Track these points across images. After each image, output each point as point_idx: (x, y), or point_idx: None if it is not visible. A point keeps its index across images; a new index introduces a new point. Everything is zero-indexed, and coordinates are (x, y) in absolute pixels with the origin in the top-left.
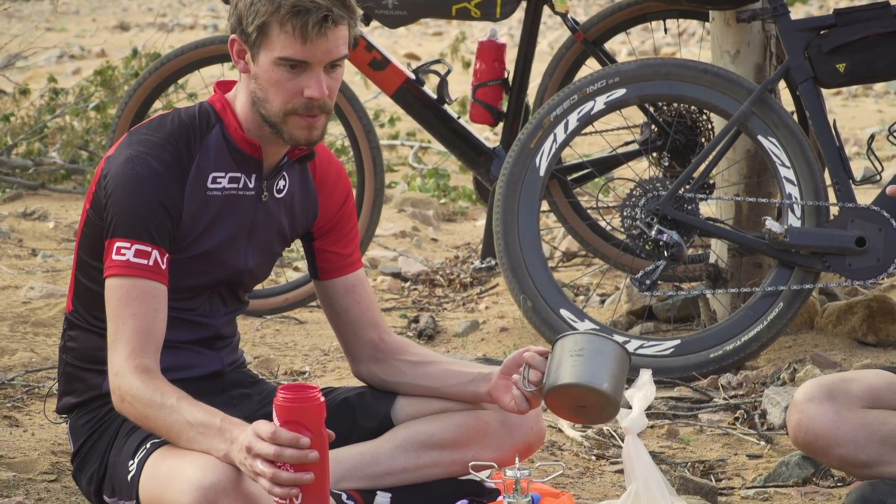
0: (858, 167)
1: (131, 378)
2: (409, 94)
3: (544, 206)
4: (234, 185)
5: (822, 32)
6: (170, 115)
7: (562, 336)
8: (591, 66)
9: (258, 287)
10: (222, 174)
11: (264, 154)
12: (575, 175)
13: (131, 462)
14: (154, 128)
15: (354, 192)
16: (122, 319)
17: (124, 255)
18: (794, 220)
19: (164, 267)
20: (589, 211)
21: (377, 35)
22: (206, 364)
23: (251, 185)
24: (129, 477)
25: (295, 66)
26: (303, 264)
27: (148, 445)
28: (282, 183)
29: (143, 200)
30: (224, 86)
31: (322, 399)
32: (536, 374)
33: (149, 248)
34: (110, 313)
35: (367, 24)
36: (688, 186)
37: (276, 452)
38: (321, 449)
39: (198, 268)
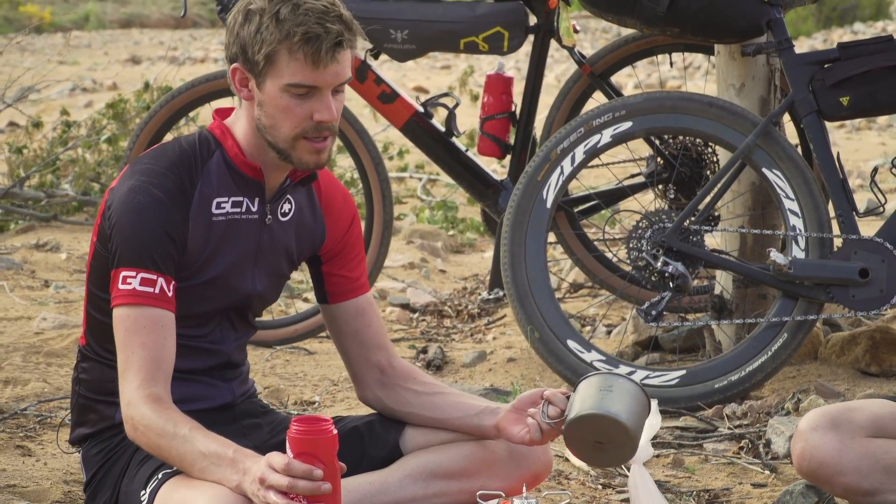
0: (862, 199)
1: (143, 408)
2: (417, 127)
3: (551, 237)
4: (238, 210)
5: (825, 66)
6: (170, 144)
7: (590, 374)
8: (597, 99)
9: (268, 318)
10: (225, 199)
11: (266, 177)
12: (581, 207)
13: (143, 492)
14: (155, 157)
15: (363, 223)
16: (132, 349)
17: (130, 283)
18: (798, 252)
19: (170, 294)
20: (595, 243)
21: (386, 68)
22: (217, 396)
23: (254, 209)
24: None
25: (304, 92)
26: (311, 295)
27: (160, 476)
28: (287, 206)
29: (147, 229)
30: (223, 113)
31: (335, 432)
32: (556, 409)
33: (154, 276)
34: (119, 343)
35: (376, 57)
36: (693, 218)
37: (289, 484)
38: (334, 481)
39: (206, 294)
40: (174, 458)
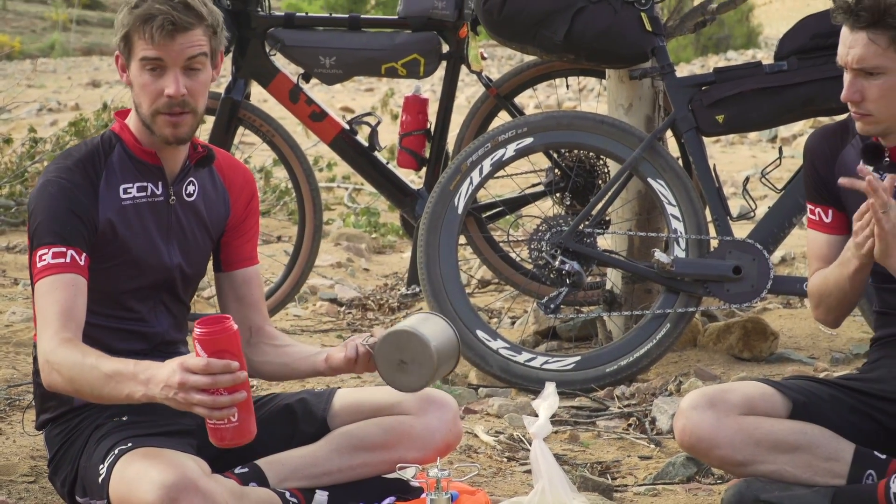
0: (735, 205)
1: (58, 350)
2: (344, 143)
3: (462, 240)
4: (144, 194)
5: (703, 88)
6: (77, 146)
7: (417, 311)
8: (502, 117)
9: (212, 312)
10: (131, 185)
11: (163, 160)
12: (489, 213)
13: (101, 466)
14: (64, 157)
15: (296, 229)
16: (46, 307)
17: (44, 260)
18: (679, 252)
19: (81, 263)
20: (501, 244)
21: (316, 91)
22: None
23: (159, 192)
24: (100, 479)
25: (154, 67)
26: None
27: (116, 451)
28: (191, 188)
29: (56, 211)
30: (123, 114)
31: (236, 326)
32: (374, 339)
33: (64, 249)
34: (37, 309)
35: (307, 81)
36: (587, 222)
37: (212, 381)
38: (244, 368)
39: (130, 272)
40: (86, 386)
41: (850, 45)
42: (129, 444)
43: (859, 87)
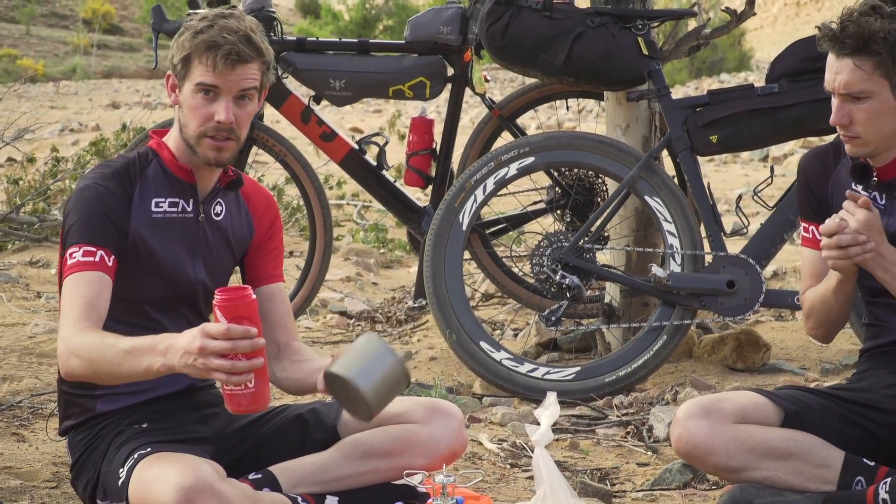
0: (728, 222)
1: (77, 336)
2: (353, 162)
3: (466, 255)
4: (175, 210)
5: (697, 109)
6: (115, 158)
7: (360, 336)
8: (505, 137)
9: None
10: (163, 199)
11: (197, 179)
12: (492, 229)
13: (121, 470)
14: (102, 166)
15: (307, 244)
16: (71, 300)
17: (75, 257)
18: (675, 267)
19: (109, 264)
20: (504, 259)
21: (327, 112)
22: (176, 382)
23: (189, 209)
24: (120, 482)
25: (209, 92)
26: None
27: (136, 456)
28: (219, 208)
29: (90, 213)
30: (160, 133)
31: (254, 296)
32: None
33: (94, 249)
34: (63, 302)
35: (318, 102)
36: (586, 238)
37: (231, 346)
38: (261, 335)
39: (156, 282)
40: (106, 366)
41: (837, 71)
42: (149, 449)
43: (847, 111)
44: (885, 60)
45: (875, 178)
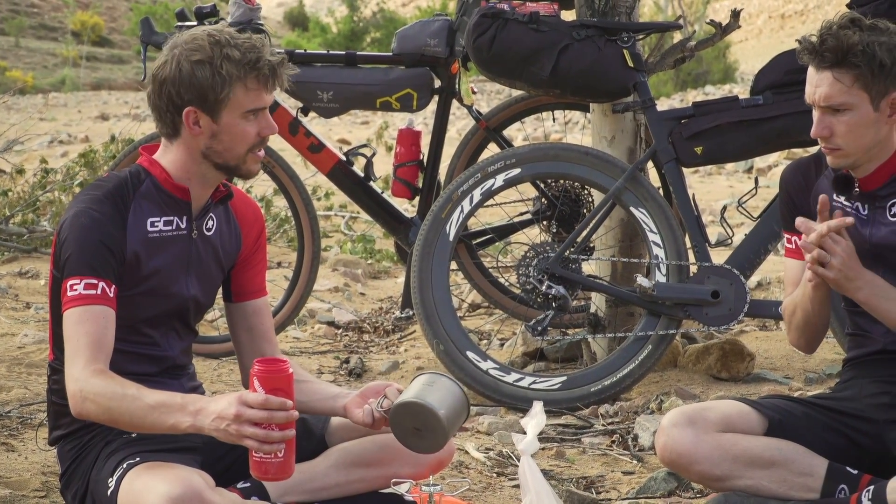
0: (713, 233)
1: (92, 380)
2: (341, 173)
3: (453, 265)
4: (170, 228)
5: (682, 121)
6: (106, 178)
7: (422, 373)
8: (492, 149)
9: (216, 334)
10: (158, 218)
11: (192, 196)
12: (479, 240)
13: (110, 479)
14: (94, 188)
15: (295, 255)
16: (78, 338)
17: (76, 290)
18: (660, 277)
19: (111, 295)
20: (491, 270)
21: (315, 124)
22: (169, 391)
23: (183, 226)
24: (109, 492)
25: (256, 114)
26: None
27: (124, 466)
28: (210, 223)
29: (88, 243)
30: (150, 150)
31: (292, 369)
32: (388, 402)
33: (95, 281)
34: (67, 336)
35: (305, 114)
36: (572, 249)
37: (268, 416)
38: (295, 408)
39: (150, 301)
40: (125, 416)
41: (817, 83)
42: (137, 459)
43: (827, 123)
44: (864, 73)
45: (857, 189)
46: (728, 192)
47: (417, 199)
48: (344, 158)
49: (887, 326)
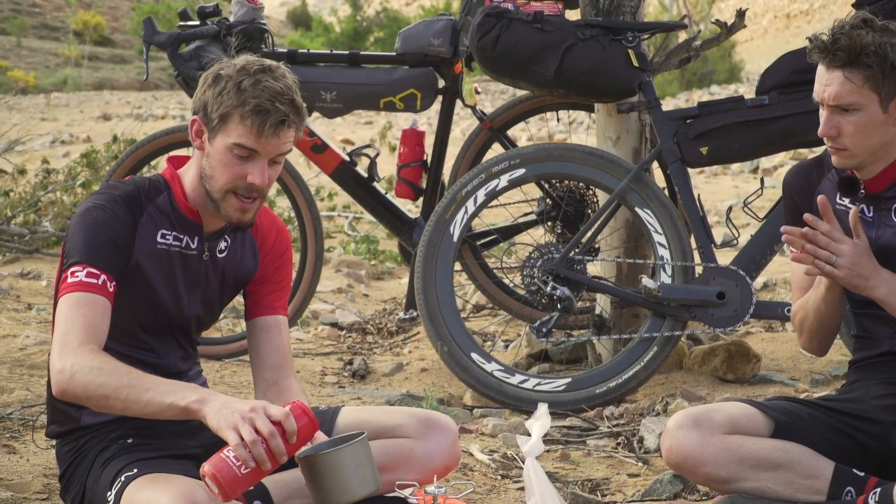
0: (719, 233)
1: (87, 356)
2: (344, 174)
3: (457, 266)
4: (179, 244)
5: (688, 121)
6: (125, 181)
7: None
8: (496, 149)
9: (218, 335)
10: (168, 232)
11: (204, 221)
12: (483, 241)
13: (109, 493)
14: (111, 188)
15: (298, 256)
16: (73, 318)
17: (77, 276)
18: (665, 278)
19: (110, 290)
20: (495, 271)
21: (318, 124)
22: None
23: (193, 246)
24: None
25: (246, 154)
26: None
27: (122, 478)
28: (223, 244)
29: (96, 235)
30: (176, 160)
31: (318, 423)
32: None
33: (98, 272)
34: (60, 318)
35: (308, 114)
36: (577, 250)
37: (271, 433)
38: (291, 454)
39: (147, 310)
40: (121, 393)
41: (827, 82)
42: (135, 470)
43: (835, 122)
44: (875, 74)
45: (862, 191)
46: (734, 193)
47: (421, 199)
48: (347, 159)
49: None
